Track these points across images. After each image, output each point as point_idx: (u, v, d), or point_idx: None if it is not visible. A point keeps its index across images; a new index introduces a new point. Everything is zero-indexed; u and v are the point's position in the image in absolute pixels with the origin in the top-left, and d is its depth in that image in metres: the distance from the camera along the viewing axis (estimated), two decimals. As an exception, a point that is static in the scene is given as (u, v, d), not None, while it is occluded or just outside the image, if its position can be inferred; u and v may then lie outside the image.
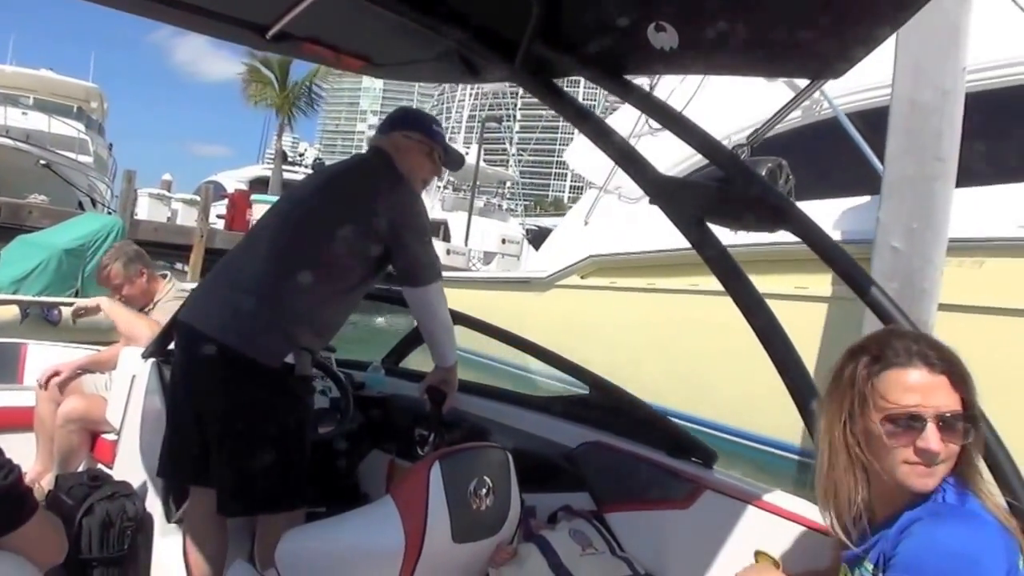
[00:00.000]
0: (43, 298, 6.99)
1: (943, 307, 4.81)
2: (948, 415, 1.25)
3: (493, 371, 8.57)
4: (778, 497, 2.03)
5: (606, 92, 2.17)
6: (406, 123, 2.35)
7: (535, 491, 2.22)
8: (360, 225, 2.12)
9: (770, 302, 1.83)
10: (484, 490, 1.97)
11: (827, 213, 5.86)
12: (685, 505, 2.14)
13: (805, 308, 6.11)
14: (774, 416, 5.74)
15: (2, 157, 15.84)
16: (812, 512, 1.90)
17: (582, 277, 9.51)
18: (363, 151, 2.49)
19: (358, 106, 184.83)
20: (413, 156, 2.30)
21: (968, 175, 5.37)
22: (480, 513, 1.96)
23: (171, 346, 2.65)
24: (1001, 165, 5.73)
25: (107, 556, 2.27)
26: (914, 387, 1.26)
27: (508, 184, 37.64)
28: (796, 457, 5.73)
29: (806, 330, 4.96)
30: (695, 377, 6.94)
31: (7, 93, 21.75)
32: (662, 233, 7.87)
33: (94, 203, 19.15)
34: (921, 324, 4.77)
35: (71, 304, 5.14)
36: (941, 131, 4.81)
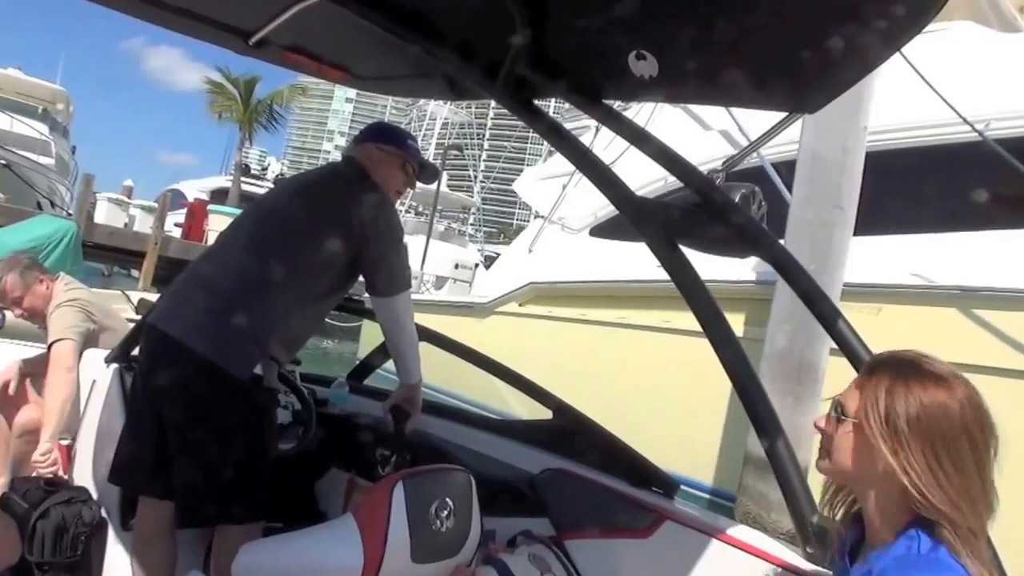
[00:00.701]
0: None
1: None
2: (839, 401, 1.27)
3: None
4: (739, 531, 2.04)
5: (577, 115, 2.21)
6: (380, 135, 2.35)
7: (496, 515, 2.21)
8: (336, 232, 2.10)
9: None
10: (446, 512, 1.96)
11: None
12: (645, 535, 2.13)
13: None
14: (699, 459, 5.78)
15: None
16: (772, 546, 1.91)
17: (520, 305, 9.64)
18: (335, 161, 2.48)
19: (326, 126, 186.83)
20: (386, 168, 2.30)
21: (869, 226, 5.93)
22: (441, 534, 1.94)
23: (135, 352, 2.60)
24: (900, 218, 6.21)
25: (60, 560, 2.22)
26: None
27: (472, 210, 38.04)
28: (730, 504, 5.75)
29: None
30: (623, 412, 6.90)
31: (-30, 91, 21.49)
32: (598, 265, 8.31)
33: (53, 205, 18.86)
34: (811, 365, 5.28)
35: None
36: (841, 183, 5.31)
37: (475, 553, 2.06)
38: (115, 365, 2.67)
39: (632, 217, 1.92)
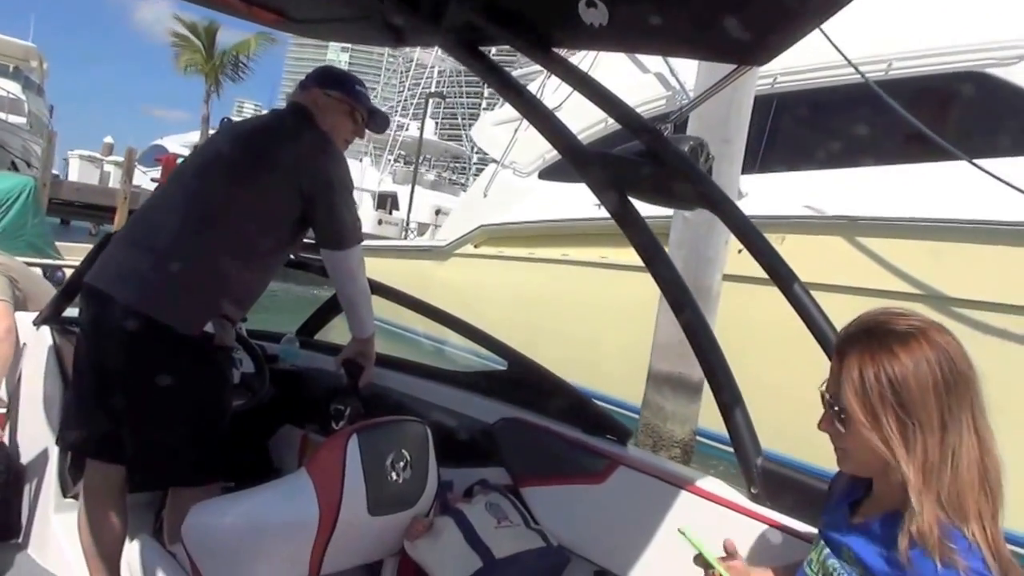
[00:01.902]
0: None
1: (754, 280, 5.19)
2: (824, 395, 1.23)
3: (409, 342, 8.99)
4: (690, 474, 2.09)
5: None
6: (326, 81, 2.25)
7: (452, 466, 2.23)
8: (282, 183, 2.02)
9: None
10: (402, 463, 1.97)
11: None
12: (599, 480, 2.18)
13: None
14: (630, 378, 6.17)
15: None
16: (720, 488, 1.97)
17: (475, 246, 10.28)
18: (278, 108, 2.38)
19: None
20: (333, 115, 2.21)
21: (773, 163, 6.94)
22: (397, 486, 1.96)
23: (66, 312, 2.52)
24: (802, 155, 7.10)
25: None
26: None
27: (464, 159, 37.90)
28: (635, 415, 6.15)
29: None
30: (576, 345, 7.41)
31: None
32: (546, 206, 8.90)
33: (29, 165, 18.45)
34: (705, 289, 5.61)
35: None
36: (728, 117, 5.63)
37: (432, 503, 2.09)
38: (46, 327, 2.58)
39: (577, 165, 1.91)
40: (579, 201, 6.90)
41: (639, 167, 1.82)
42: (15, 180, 9.36)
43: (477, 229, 10.28)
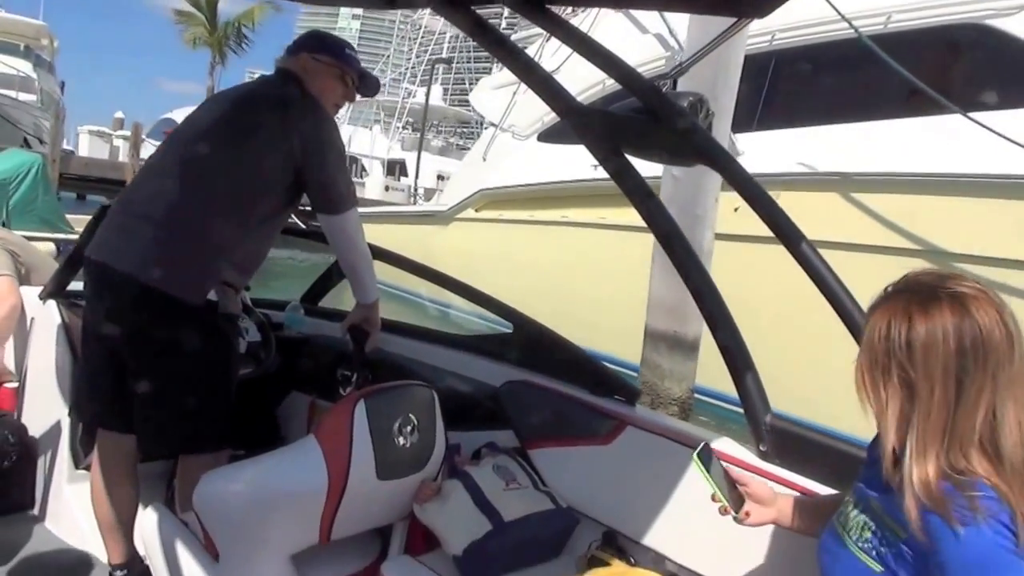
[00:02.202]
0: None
1: (748, 238, 5.33)
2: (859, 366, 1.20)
3: (414, 306, 9.32)
4: (699, 433, 2.10)
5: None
6: (314, 45, 2.21)
7: (460, 429, 2.24)
8: (272, 150, 2.01)
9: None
10: (409, 428, 1.98)
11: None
12: (607, 441, 2.19)
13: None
14: (627, 338, 6.24)
15: None
16: (729, 446, 1.98)
17: (476, 210, 10.38)
18: (266, 74, 2.35)
19: None
20: (323, 79, 2.18)
21: (771, 121, 6.94)
22: (405, 450, 1.97)
23: (71, 286, 2.52)
24: (800, 112, 7.10)
25: None
26: None
27: (471, 124, 37.73)
28: (634, 374, 6.17)
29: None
30: (571, 306, 7.47)
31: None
32: (545, 168, 8.85)
33: (41, 142, 18.71)
34: (696, 246, 5.40)
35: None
36: (716, 76, 5.53)
37: (440, 467, 2.11)
38: (52, 301, 2.58)
39: (575, 125, 1.89)
40: (577, 163, 6.92)
41: (639, 125, 1.79)
42: (23, 157, 10.27)
43: (477, 193, 10.33)
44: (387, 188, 23.87)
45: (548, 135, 10.02)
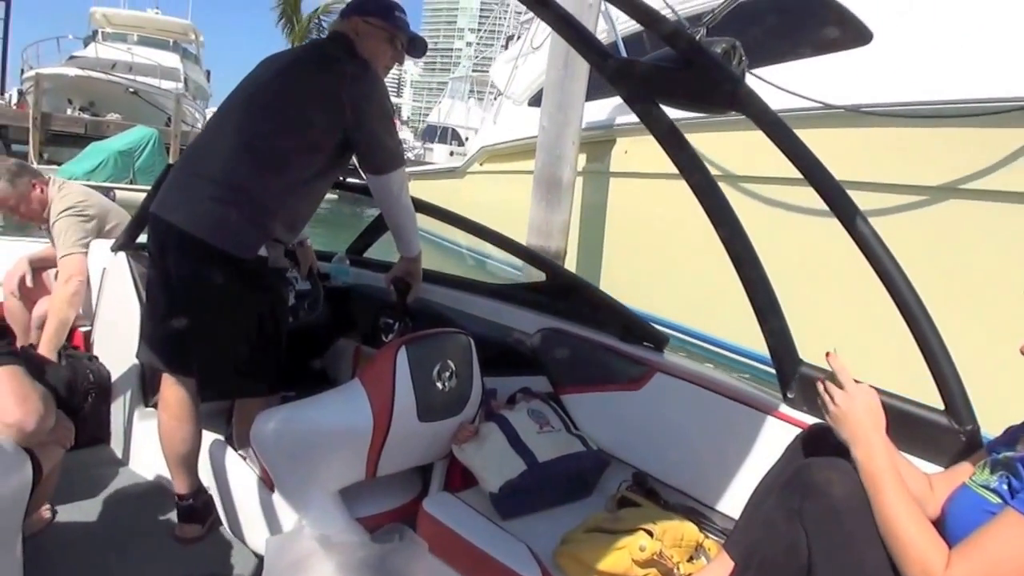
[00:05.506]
0: (105, 184, 10.97)
1: (632, 175, 7.34)
2: None
3: (452, 255, 10.74)
4: (726, 379, 2.16)
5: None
6: (366, 8, 2.25)
7: (495, 375, 2.33)
8: (324, 111, 2.07)
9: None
10: (448, 373, 2.07)
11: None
12: (637, 387, 2.26)
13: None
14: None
15: (97, 87, 20.76)
16: (758, 394, 2.03)
17: (481, 164, 12.36)
18: (319, 38, 2.40)
19: (455, 24, 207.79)
20: (373, 42, 2.22)
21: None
22: (444, 394, 2.07)
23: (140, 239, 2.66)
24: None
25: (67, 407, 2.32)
26: None
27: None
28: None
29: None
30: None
31: (117, 32, 27.77)
32: (527, 127, 9.77)
33: (184, 122, 21.21)
34: (557, 180, 7.65)
35: (126, 188, 10.77)
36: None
37: (477, 410, 2.20)
38: (123, 253, 2.74)
39: (610, 77, 1.90)
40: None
41: (671, 73, 1.77)
42: (143, 132, 14.22)
43: (480, 150, 12.33)
44: (452, 153, 25.00)
45: (535, 100, 10.94)
